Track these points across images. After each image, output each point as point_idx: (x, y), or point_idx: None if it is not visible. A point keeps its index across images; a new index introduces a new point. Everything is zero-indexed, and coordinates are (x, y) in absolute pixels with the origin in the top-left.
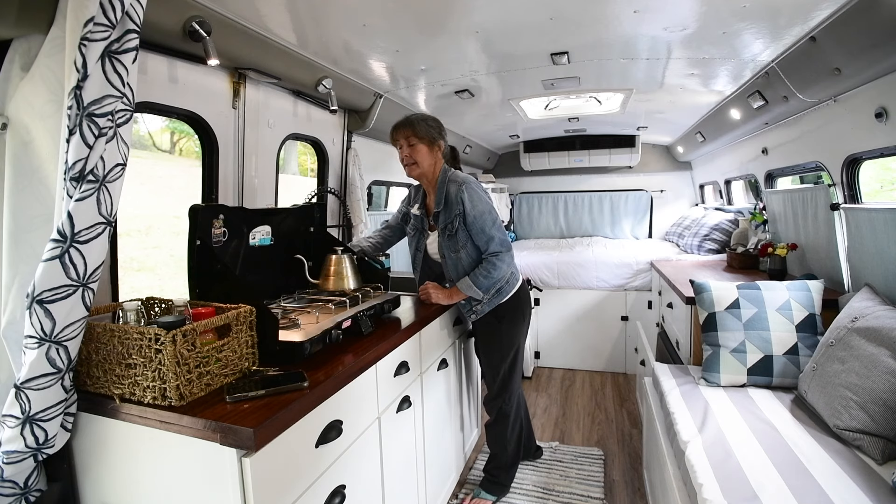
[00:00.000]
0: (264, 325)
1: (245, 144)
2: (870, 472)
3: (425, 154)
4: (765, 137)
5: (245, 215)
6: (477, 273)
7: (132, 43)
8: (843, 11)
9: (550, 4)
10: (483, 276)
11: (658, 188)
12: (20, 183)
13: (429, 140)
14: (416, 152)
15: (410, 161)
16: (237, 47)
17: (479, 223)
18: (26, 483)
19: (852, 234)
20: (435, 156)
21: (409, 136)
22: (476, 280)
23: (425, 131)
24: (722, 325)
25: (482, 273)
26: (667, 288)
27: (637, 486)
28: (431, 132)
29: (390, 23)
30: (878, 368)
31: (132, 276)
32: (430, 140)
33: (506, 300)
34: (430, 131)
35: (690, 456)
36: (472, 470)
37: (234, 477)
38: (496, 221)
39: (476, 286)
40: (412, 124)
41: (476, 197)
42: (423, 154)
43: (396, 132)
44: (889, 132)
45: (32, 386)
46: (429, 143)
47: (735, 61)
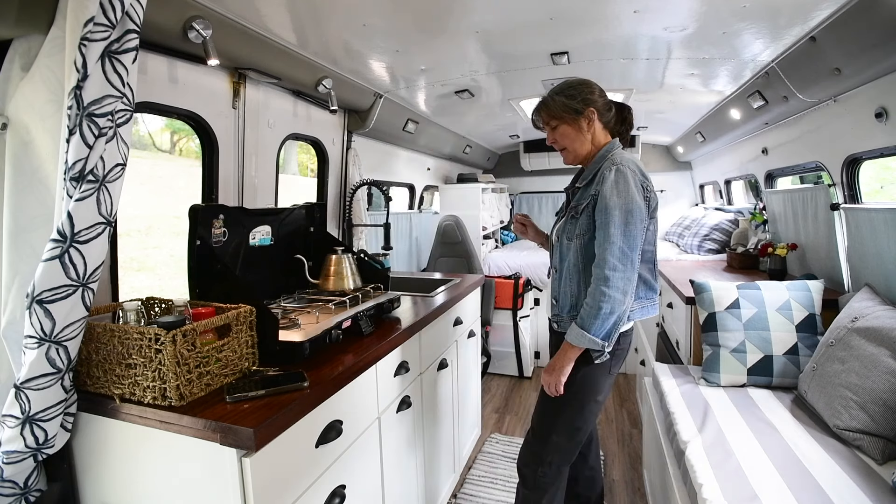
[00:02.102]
0: (264, 325)
1: (245, 144)
2: (870, 472)
3: (572, 134)
4: (765, 137)
5: (245, 215)
6: (584, 311)
7: (132, 43)
8: (843, 11)
9: (550, 4)
10: (592, 313)
11: (658, 188)
12: (20, 183)
13: (571, 114)
14: (560, 136)
15: (559, 147)
16: (237, 47)
17: (607, 213)
18: (26, 483)
19: (852, 234)
20: (587, 131)
21: (548, 120)
22: (585, 321)
23: (562, 106)
24: (722, 325)
25: (591, 308)
26: (667, 288)
27: (637, 486)
28: (572, 104)
29: (390, 23)
30: (878, 368)
31: (132, 276)
32: (573, 113)
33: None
34: (570, 103)
35: (690, 456)
36: (471, 470)
37: (234, 477)
38: (633, 226)
39: (587, 329)
40: (545, 104)
41: (624, 183)
42: (569, 135)
43: (537, 117)
44: (889, 132)
45: (32, 386)
46: (572, 119)
47: (735, 61)
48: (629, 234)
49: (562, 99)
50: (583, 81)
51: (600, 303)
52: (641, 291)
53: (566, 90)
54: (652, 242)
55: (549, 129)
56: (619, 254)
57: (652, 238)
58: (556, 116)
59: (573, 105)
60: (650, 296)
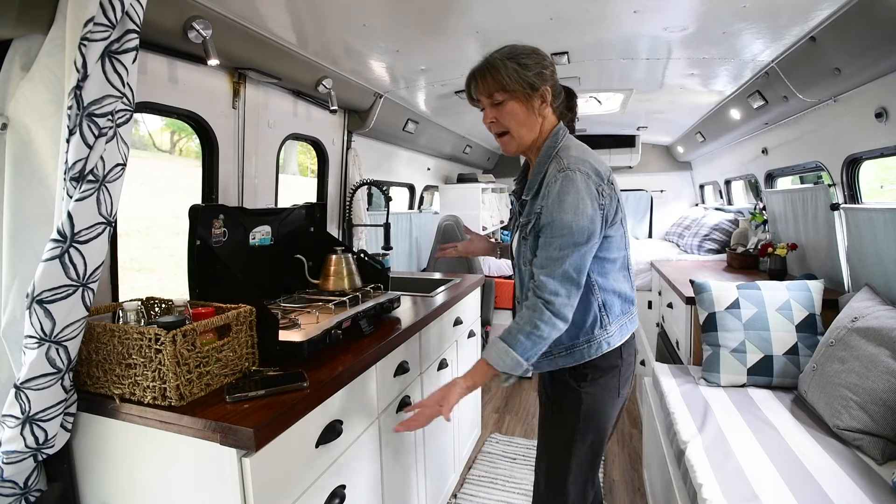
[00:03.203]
0: (264, 325)
1: (245, 144)
2: (870, 472)
3: (521, 115)
4: (765, 137)
5: (245, 215)
6: (516, 326)
7: (132, 43)
8: (843, 11)
9: (550, 4)
10: (526, 330)
11: (658, 188)
12: (20, 183)
13: (524, 89)
14: (505, 114)
15: (500, 130)
16: (237, 47)
17: (551, 231)
18: (26, 483)
19: (852, 234)
20: (538, 113)
21: (491, 91)
22: (513, 338)
23: (517, 77)
24: (722, 325)
25: (525, 324)
26: (667, 288)
27: (637, 485)
28: (527, 76)
29: (390, 23)
30: (878, 368)
31: (132, 276)
32: (527, 88)
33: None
34: (526, 74)
35: (690, 456)
36: (471, 470)
37: (234, 477)
38: (581, 247)
39: (513, 347)
40: (493, 68)
41: (573, 195)
42: (518, 115)
43: (474, 85)
44: (889, 132)
45: (32, 386)
46: (524, 96)
47: (735, 61)
48: (576, 255)
49: (514, 66)
50: (535, 50)
51: (537, 322)
52: (618, 307)
53: (519, 56)
54: (623, 247)
55: (490, 104)
56: (561, 277)
57: (621, 242)
58: (507, 88)
59: (528, 77)
60: (628, 309)
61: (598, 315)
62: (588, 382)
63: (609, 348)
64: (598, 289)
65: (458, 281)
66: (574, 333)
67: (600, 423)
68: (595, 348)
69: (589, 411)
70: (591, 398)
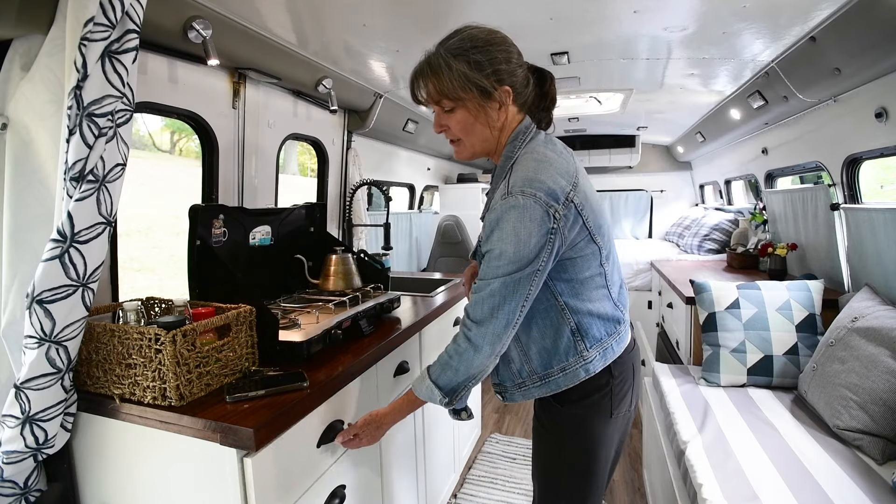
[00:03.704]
0: (264, 325)
1: (245, 144)
2: (870, 472)
3: (471, 124)
4: (765, 137)
5: (245, 215)
6: (439, 357)
7: (132, 43)
8: (843, 11)
9: (550, 4)
10: (443, 358)
11: (658, 188)
12: (20, 183)
13: (476, 95)
14: (455, 123)
15: (452, 137)
16: (237, 47)
17: (487, 261)
18: (26, 483)
19: (852, 234)
20: (494, 120)
21: (437, 98)
22: (433, 367)
23: (465, 81)
24: (722, 325)
25: (444, 353)
26: (667, 288)
27: (637, 485)
28: (478, 79)
29: (390, 23)
30: (878, 368)
31: (132, 276)
32: (479, 94)
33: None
34: (476, 77)
35: (690, 456)
36: (471, 470)
37: (234, 477)
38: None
39: (430, 374)
40: (436, 71)
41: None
42: (468, 125)
43: (416, 88)
44: (889, 132)
45: (32, 386)
46: (476, 104)
47: (735, 61)
48: (508, 287)
49: (462, 67)
50: (492, 38)
51: (452, 351)
52: (598, 329)
53: (470, 52)
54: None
55: (440, 109)
56: (489, 306)
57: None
58: (451, 95)
59: (479, 81)
60: (613, 330)
61: (571, 340)
62: (573, 403)
63: (588, 375)
64: (569, 312)
65: (458, 281)
66: (546, 361)
67: (590, 447)
68: (571, 377)
69: (574, 433)
70: (575, 419)
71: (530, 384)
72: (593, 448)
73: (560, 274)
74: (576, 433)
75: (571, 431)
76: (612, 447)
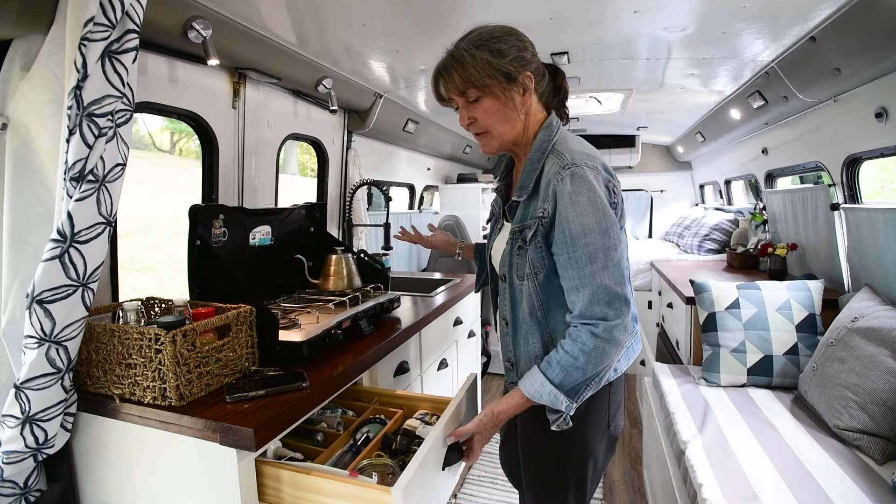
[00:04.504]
0: (264, 325)
1: (245, 144)
2: (870, 472)
3: (499, 111)
4: (765, 137)
5: (245, 215)
6: (557, 356)
7: (132, 43)
8: (843, 11)
9: (550, 4)
10: (567, 361)
11: (658, 188)
12: (20, 183)
13: (500, 81)
14: (482, 113)
15: (479, 129)
16: (237, 47)
17: (574, 245)
18: (26, 483)
19: (852, 234)
20: (521, 106)
21: (463, 88)
22: (552, 369)
23: (486, 67)
24: (722, 325)
25: (568, 355)
26: (667, 288)
27: (637, 485)
28: (502, 65)
29: (390, 23)
30: (878, 368)
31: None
32: (504, 80)
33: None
34: (500, 63)
35: (690, 456)
36: (471, 470)
37: (234, 477)
38: (614, 252)
39: (551, 378)
40: (459, 62)
41: (589, 193)
42: (496, 112)
43: (442, 83)
44: (889, 132)
45: (32, 386)
46: (501, 89)
47: (735, 61)
48: (612, 264)
49: (485, 56)
50: (510, 30)
51: (583, 349)
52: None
53: (490, 42)
54: (626, 255)
55: (465, 101)
56: (606, 297)
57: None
58: (478, 83)
59: (503, 66)
60: (634, 329)
61: None
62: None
63: (616, 375)
64: None
65: (458, 281)
66: None
67: (586, 461)
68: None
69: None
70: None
71: None
72: (588, 462)
73: None
74: (573, 447)
75: (569, 445)
76: (601, 463)
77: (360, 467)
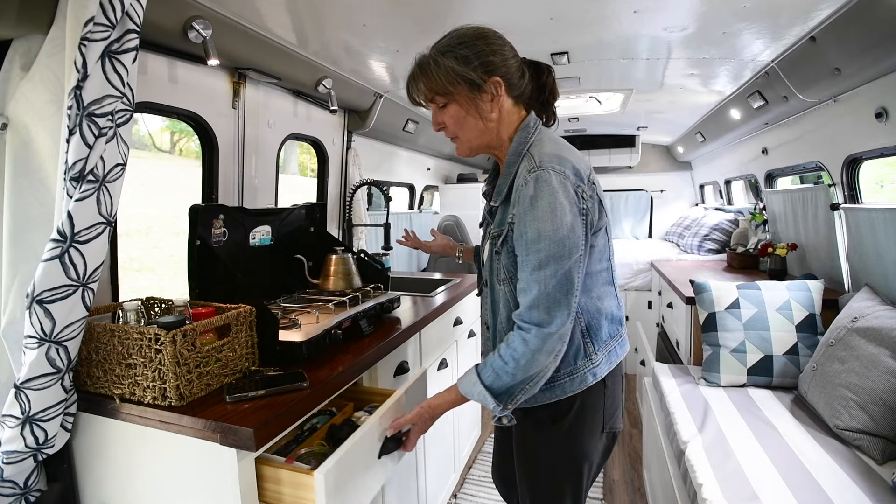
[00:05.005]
0: (264, 325)
1: (245, 144)
2: (870, 472)
3: (464, 118)
4: (765, 137)
5: (245, 215)
6: (491, 357)
7: (132, 43)
8: (843, 11)
9: (550, 4)
10: (498, 364)
11: (658, 188)
12: (20, 183)
13: (464, 88)
14: (448, 118)
15: (450, 135)
16: (237, 47)
17: (526, 246)
18: (26, 483)
19: (852, 234)
20: (489, 112)
21: (429, 95)
22: (484, 369)
23: (450, 74)
24: (722, 325)
25: (499, 358)
26: (667, 288)
27: (637, 485)
28: (465, 72)
29: (390, 23)
30: (878, 368)
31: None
32: (468, 87)
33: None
34: (463, 70)
35: (690, 456)
36: (471, 470)
37: (234, 477)
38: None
39: (484, 382)
40: (424, 70)
41: (549, 198)
42: (461, 119)
43: (412, 89)
44: (889, 132)
45: (32, 386)
46: (466, 97)
47: (735, 61)
48: (561, 272)
49: (450, 63)
50: (481, 33)
51: (509, 359)
52: (605, 330)
53: (457, 48)
54: (607, 257)
55: (435, 107)
56: (546, 303)
57: (605, 252)
58: (441, 91)
59: (467, 73)
60: (616, 331)
61: (580, 342)
62: (564, 418)
63: (595, 380)
64: (580, 311)
65: (458, 281)
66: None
67: (580, 464)
68: (578, 381)
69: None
70: (567, 435)
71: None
72: (582, 465)
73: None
74: (567, 450)
75: (562, 449)
76: (597, 464)
77: (300, 455)
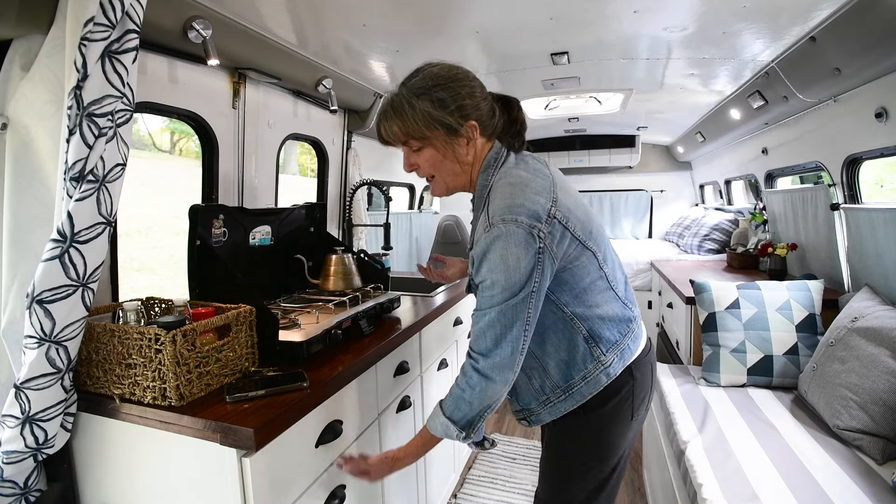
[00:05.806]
0: (264, 325)
1: (245, 144)
2: (870, 472)
3: (439, 158)
4: (765, 137)
5: (245, 215)
6: (451, 390)
7: (132, 43)
8: (843, 11)
9: (550, 4)
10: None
11: (658, 188)
12: (20, 183)
13: (440, 130)
14: (423, 160)
15: (424, 175)
16: (237, 47)
17: (480, 290)
18: (26, 483)
19: (852, 234)
20: (464, 155)
21: (404, 139)
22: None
23: (430, 120)
24: (722, 325)
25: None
26: (667, 288)
27: (637, 485)
28: (442, 116)
29: (390, 23)
30: (878, 368)
31: (132, 276)
32: (445, 131)
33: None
34: (440, 115)
35: (690, 456)
36: (471, 470)
37: (234, 477)
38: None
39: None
40: (400, 113)
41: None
42: (436, 159)
43: (383, 130)
44: (889, 132)
45: (32, 386)
46: (443, 141)
47: (735, 61)
48: (510, 312)
49: (425, 107)
50: (454, 74)
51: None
52: (611, 332)
53: (432, 90)
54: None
55: (408, 150)
56: (493, 334)
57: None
58: (417, 134)
59: (444, 118)
60: (626, 329)
61: (586, 347)
62: (594, 409)
63: (609, 379)
64: (578, 321)
65: (458, 281)
66: (566, 373)
67: (611, 452)
68: (593, 384)
69: (596, 440)
70: (598, 426)
71: (555, 399)
72: (614, 453)
73: (561, 287)
74: (598, 440)
75: (593, 438)
76: (627, 450)
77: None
